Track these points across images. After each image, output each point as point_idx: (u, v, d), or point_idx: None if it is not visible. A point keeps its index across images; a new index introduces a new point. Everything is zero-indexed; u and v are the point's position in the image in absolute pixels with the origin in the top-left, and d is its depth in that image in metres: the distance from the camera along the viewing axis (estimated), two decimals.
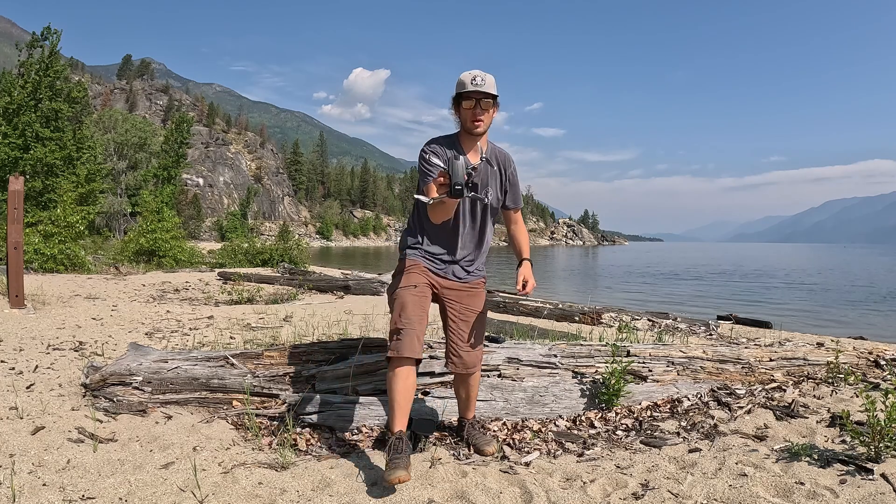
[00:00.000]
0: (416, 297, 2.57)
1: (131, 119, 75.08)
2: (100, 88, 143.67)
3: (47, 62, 26.13)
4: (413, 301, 2.55)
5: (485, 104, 2.53)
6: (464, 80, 2.55)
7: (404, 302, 2.55)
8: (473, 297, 2.76)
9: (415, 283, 2.62)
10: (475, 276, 2.79)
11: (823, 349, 4.38)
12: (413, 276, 2.64)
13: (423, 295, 2.62)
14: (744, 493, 2.30)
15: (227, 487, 2.30)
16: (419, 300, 2.58)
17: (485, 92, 2.51)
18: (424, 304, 2.61)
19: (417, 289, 2.60)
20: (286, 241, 23.08)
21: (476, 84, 2.50)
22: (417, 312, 2.54)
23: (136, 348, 3.60)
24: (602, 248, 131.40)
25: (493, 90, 2.53)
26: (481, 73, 2.54)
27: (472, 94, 2.51)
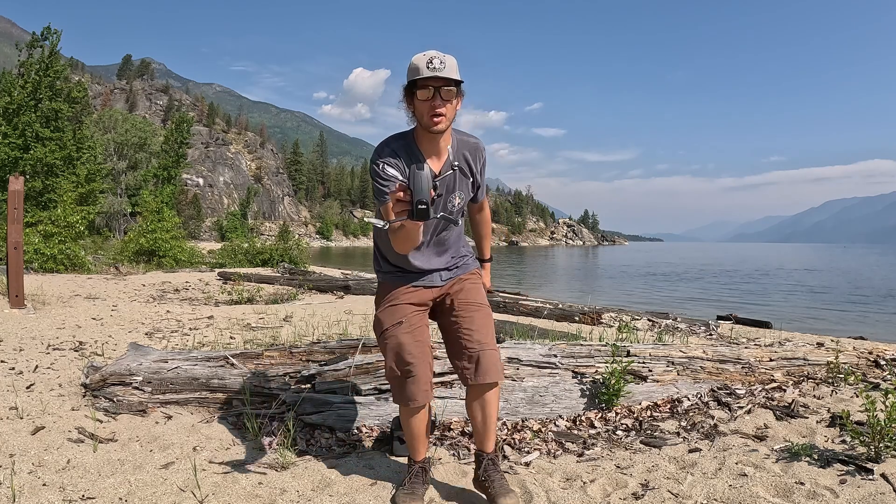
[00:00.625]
0: (409, 333, 2.18)
1: (131, 119, 75.11)
2: (100, 88, 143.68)
3: (47, 62, 26.14)
4: (408, 340, 2.17)
5: (446, 93, 1.99)
6: (417, 63, 1.99)
7: (398, 344, 2.17)
8: (472, 290, 2.33)
9: (400, 317, 2.21)
10: (464, 269, 2.38)
11: (823, 349, 4.38)
12: (397, 310, 2.23)
13: (417, 326, 2.22)
14: (744, 493, 2.30)
15: (227, 487, 2.30)
16: (413, 335, 2.19)
17: (445, 77, 1.97)
18: (422, 336, 2.22)
19: (407, 324, 2.20)
20: (286, 241, 23.07)
21: (433, 68, 1.95)
22: (417, 350, 2.16)
23: (136, 348, 3.60)
24: (602, 248, 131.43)
25: (455, 74, 1.99)
26: (439, 55, 1.99)
27: (430, 82, 1.97)
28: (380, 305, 2.30)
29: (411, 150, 2.11)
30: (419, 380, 2.15)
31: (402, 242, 1.98)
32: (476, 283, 2.36)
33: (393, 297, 2.27)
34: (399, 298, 2.26)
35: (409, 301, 2.26)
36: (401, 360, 2.16)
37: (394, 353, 2.18)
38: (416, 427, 2.26)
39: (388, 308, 2.26)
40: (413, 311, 2.25)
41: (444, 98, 2.00)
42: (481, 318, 2.24)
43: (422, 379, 2.15)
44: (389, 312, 2.24)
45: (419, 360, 2.15)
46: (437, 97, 1.99)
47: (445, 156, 2.15)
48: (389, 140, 2.14)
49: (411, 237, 1.94)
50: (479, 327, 2.21)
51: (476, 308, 2.26)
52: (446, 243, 2.31)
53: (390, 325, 2.21)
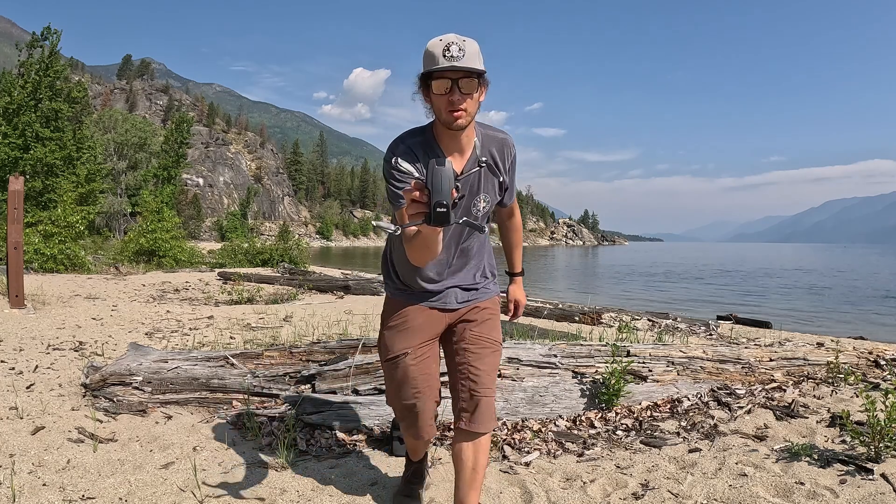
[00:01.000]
0: (415, 366, 1.97)
1: (131, 119, 75.11)
2: (100, 88, 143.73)
3: (47, 62, 26.15)
4: (414, 373, 1.96)
5: (466, 86, 1.71)
6: (432, 51, 1.70)
7: (404, 377, 1.97)
8: (488, 324, 2.04)
9: (407, 346, 1.97)
10: (484, 294, 2.07)
11: (823, 349, 4.38)
12: (405, 337, 1.99)
13: (425, 357, 1.99)
14: (744, 493, 2.30)
15: (227, 487, 2.30)
16: (420, 367, 1.97)
17: (465, 68, 1.68)
18: (429, 368, 2.00)
19: (413, 355, 1.97)
20: (286, 241, 23.07)
21: (451, 56, 1.67)
22: (423, 384, 1.97)
23: (136, 348, 3.61)
24: (602, 248, 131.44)
25: (476, 63, 1.70)
26: (458, 40, 1.69)
27: (447, 73, 1.70)
28: (386, 324, 2.05)
29: (430, 146, 1.83)
30: (423, 415, 2.00)
31: (418, 252, 1.70)
32: (494, 314, 2.08)
33: (402, 319, 2.01)
34: (408, 322, 2.00)
35: (419, 327, 2.00)
36: (404, 394, 1.98)
37: (398, 384, 2.00)
38: (421, 448, 2.27)
39: (395, 332, 2.02)
40: (422, 341, 2.00)
41: (464, 91, 1.71)
42: (492, 361, 2.01)
43: (426, 415, 2.00)
44: (396, 338, 2.00)
45: (424, 396, 1.98)
46: (456, 91, 1.70)
47: (469, 152, 1.87)
48: (405, 136, 1.87)
49: (429, 246, 1.65)
50: (489, 370, 1.98)
51: (489, 346, 2.01)
52: (469, 254, 2.02)
53: (396, 354, 1.99)
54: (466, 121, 1.76)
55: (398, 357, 1.98)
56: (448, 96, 1.71)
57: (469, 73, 1.70)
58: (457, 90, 1.71)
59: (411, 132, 1.88)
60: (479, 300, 2.04)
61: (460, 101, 1.71)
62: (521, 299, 2.25)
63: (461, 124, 1.76)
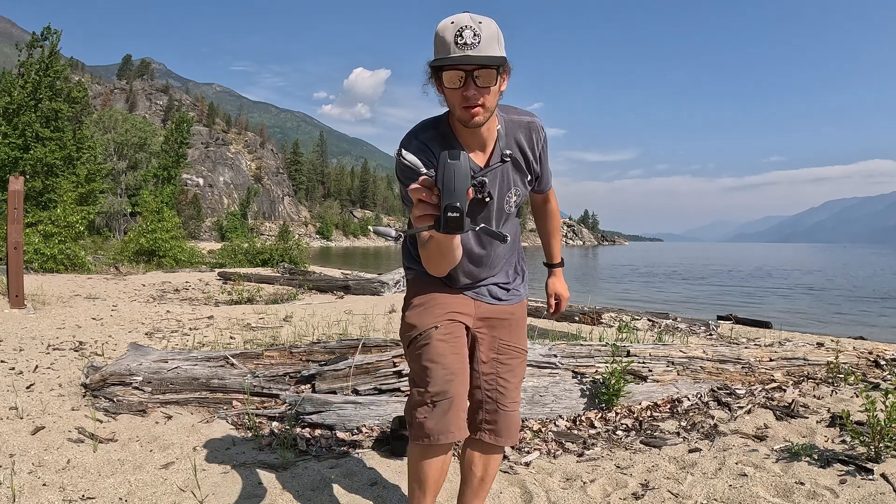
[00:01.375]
0: (445, 342, 1.68)
1: (131, 119, 75.13)
2: (100, 88, 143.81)
3: (47, 62, 26.16)
4: (445, 349, 1.67)
5: (483, 78, 1.46)
6: (443, 35, 1.45)
7: (435, 354, 1.66)
8: (518, 330, 1.85)
9: (436, 320, 1.71)
10: (516, 296, 1.87)
11: (823, 349, 4.38)
12: (433, 310, 1.73)
13: (457, 336, 1.72)
14: (744, 493, 2.30)
15: (227, 487, 2.30)
16: (451, 344, 1.69)
17: (481, 58, 1.43)
18: (462, 349, 1.73)
19: (444, 330, 1.70)
20: (286, 241, 23.07)
21: (464, 44, 1.42)
22: (457, 364, 1.67)
23: (136, 348, 3.61)
24: (602, 248, 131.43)
25: (495, 50, 1.46)
26: (473, 22, 1.44)
27: (460, 64, 1.45)
28: (410, 304, 1.79)
29: (448, 141, 1.61)
30: (456, 404, 1.64)
31: (433, 261, 1.49)
32: (524, 318, 1.90)
33: (429, 297, 1.75)
34: (437, 298, 1.75)
35: (449, 303, 1.75)
36: (436, 375, 1.63)
37: (426, 364, 1.65)
38: (433, 474, 1.72)
39: (420, 309, 1.74)
40: (453, 316, 1.73)
41: (481, 84, 1.47)
42: (521, 371, 1.84)
43: (459, 404, 1.65)
44: (423, 314, 1.73)
45: (459, 378, 1.65)
46: (471, 84, 1.46)
47: (492, 145, 1.64)
48: (418, 129, 1.64)
49: (444, 253, 1.45)
50: (517, 381, 1.82)
51: (519, 356, 1.83)
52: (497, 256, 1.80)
53: (423, 329, 1.70)
54: (484, 117, 1.52)
55: (426, 331, 1.69)
56: (462, 91, 1.47)
57: (486, 63, 1.45)
58: (472, 84, 1.46)
59: (424, 125, 1.65)
60: (511, 303, 1.85)
61: (476, 97, 1.47)
62: (563, 293, 2.04)
63: (478, 122, 1.52)
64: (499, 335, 1.81)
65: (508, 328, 1.82)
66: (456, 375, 1.65)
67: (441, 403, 1.62)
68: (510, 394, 1.79)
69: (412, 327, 1.73)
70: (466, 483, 1.89)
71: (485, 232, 1.34)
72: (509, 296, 1.84)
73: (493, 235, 1.35)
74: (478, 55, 1.43)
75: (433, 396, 1.62)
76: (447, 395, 1.62)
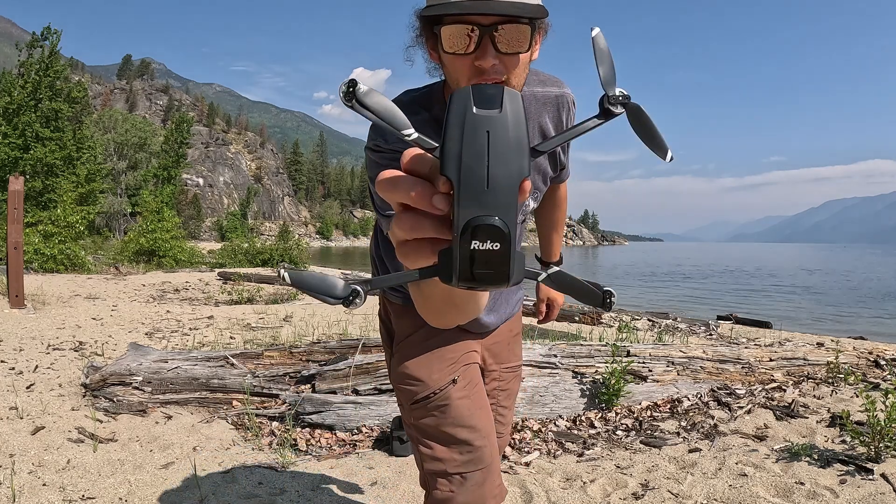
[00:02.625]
0: (468, 398, 1.27)
1: (131, 119, 75.17)
2: (100, 88, 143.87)
3: (47, 62, 26.17)
4: (469, 408, 1.27)
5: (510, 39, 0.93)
6: None
7: (455, 417, 1.25)
8: (516, 345, 1.52)
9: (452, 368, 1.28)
10: (517, 306, 1.49)
11: (823, 349, 4.38)
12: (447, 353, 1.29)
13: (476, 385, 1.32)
14: (744, 493, 2.30)
15: (227, 487, 2.30)
16: (474, 399, 1.29)
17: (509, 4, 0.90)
18: (485, 399, 1.34)
19: (464, 381, 1.28)
20: (286, 241, 23.07)
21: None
22: (484, 423, 1.28)
23: (136, 348, 3.61)
24: (602, 248, 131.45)
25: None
26: None
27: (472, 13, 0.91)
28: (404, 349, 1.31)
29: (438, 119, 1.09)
30: (491, 472, 1.27)
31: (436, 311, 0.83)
32: (520, 332, 1.55)
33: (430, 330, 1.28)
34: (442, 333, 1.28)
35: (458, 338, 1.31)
36: (461, 443, 1.24)
37: (447, 432, 1.25)
38: None
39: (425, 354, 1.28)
40: (468, 358, 1.32)
41: (504, 51, 0.94)
42: (517, 388, 1.54)
43: (494, 470, 1.28)
44: (430, 361, 1.27)
45: (490, 440, 1.28)
46: (489, 49, 0.93)
47: None
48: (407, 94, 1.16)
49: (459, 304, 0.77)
50: (513, 402, 1.53)
51: (516, 373, 1.51)
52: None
53: (439, 387, 1.26)
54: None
55: (443, 390, 1.26)
56: (475, 58, 0.93)
57: (513, 16, 0.91)
58: (490, 47, 0.92)
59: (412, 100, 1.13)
60: (511, 316, 1.46)
61: (497, 69, 0.94)
62: (557, 298, 1.61)
63: None
64: (500, 359, 1.46)
65: (509, 346, 1.48)
66: (488, 437, 1.27)
67: (472, 475, 1.25)
68: (507, 419, 1.51)
69: (418, 382, 1.27)
70: None
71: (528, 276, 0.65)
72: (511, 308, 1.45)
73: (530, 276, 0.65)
74: (503, 1, 0.89)
75: (461, 466, 1.24)
76: (480, 463, 1.25)
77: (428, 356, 1.28)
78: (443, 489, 1.25)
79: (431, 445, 1.27)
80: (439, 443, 1.26)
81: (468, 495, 1.24)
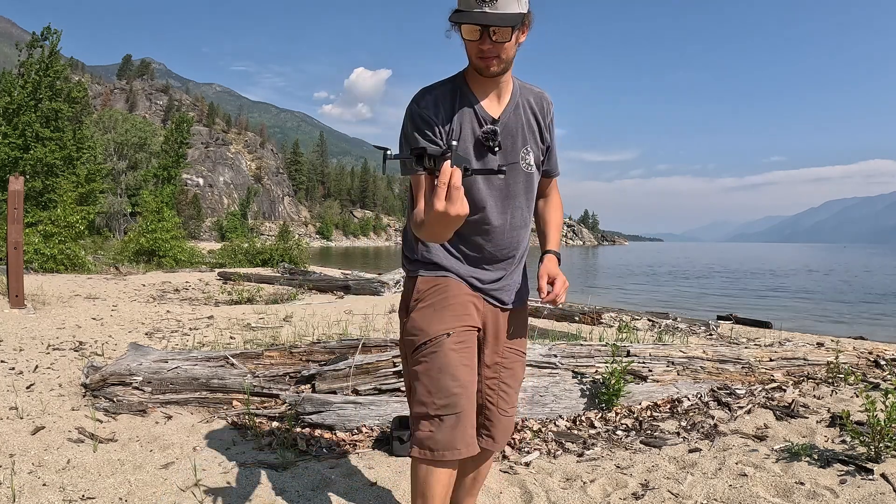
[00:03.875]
0: (456, 352, 1.57)
1: (131, 119, 75.15)
2: (100, 88, 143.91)
3: (47, 62, 26.14)
4: (455, 360, 1.56)
5: (500, 34, 1.48)
6: None
7: (444, 364, 1.55)
8: (521, 331, 1.79)
9: (450, 325, 1.58)
10: (523, 298, 1.80)
11: (823, 349, 4.38)
12: (446, 313, 1.60)
13: (469, 345, 1.62)
14: (744, 493, 2.30)
15: (227, 487, 2.30)
16: (462, 355, 1.58)
17: (497, 16, 1.45)
18: (472, 360, 1.62)
19: (458, 338, 1.58)
20: (286, 241, 23.06)
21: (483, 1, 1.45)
22: (467, 377, 1.57)
23: (136, 348, 3.61)
24: (602, 248, 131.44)
25: (513, 7, 1.46)
26: None
27: (478, 20, 1.46)
28: (415, 303, 1.64)
29: (462, 91, 1.61)
30: (464, 419, 1.54)
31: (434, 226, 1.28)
32: (526, 319, 1.83)
33: (441, 296, 1.62)
34: (448, 298, 1.62)
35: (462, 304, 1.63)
36: (444, 387, 1.53)
37: (432, 376, 1.54)
38: (440, 490, 1.58)
39: (429, 311, 1.60)
40: (466, 325, 1.62)
41: (497, 40, 1.49)
42: (521, 374, 1.80)
43: (468, 419, 1.55)
44: (432, 316, 1.59)
45: (468, 391, 1.56)
46: (487, 39, 1.49)
47: (508, 97, 1.65)
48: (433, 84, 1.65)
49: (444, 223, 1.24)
50: (518, 385, 1.78)
51: (520, 358, 1.78)
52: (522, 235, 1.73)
53: (435, 336, 1.57)
54: (500, 67, 1.55)
55: (436, 339, 1.56)
56: (479, 44, 1.51)
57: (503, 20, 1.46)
58: (488, 38, 1.49)
59: (440, 81, 1.66)
60: (518, 304, 1.76)
61: (492, 50, 1.51)
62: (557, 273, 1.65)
63: (494, 72, 1.56)
64: (504, 338, 1.72)
65: (513, 330, 1.74)
66: (465, 388, 1.55)
67: (448, 418, 1.53)
68: (511, 398, 1.74)
69: (420, 331, 1.59)
70: (459, 483, 1.85)
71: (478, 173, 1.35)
72: (519, 297, 1.76)
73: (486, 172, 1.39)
74: (494, 13, 1.45)
75: (439, 409, 1.53)
76: (455, 408, 1.53)
77: (429, 313, 1.60)
78: (423, 429, 1.54)
79: (418, 390, 1.56)
80: (425, 387, 1.55)
81: (442, 435, 1.52)
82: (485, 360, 1.71)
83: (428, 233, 1.37)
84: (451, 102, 1.60)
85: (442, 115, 1.58)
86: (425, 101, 1.59)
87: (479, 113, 1.60)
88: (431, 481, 1.56)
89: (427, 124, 1.56)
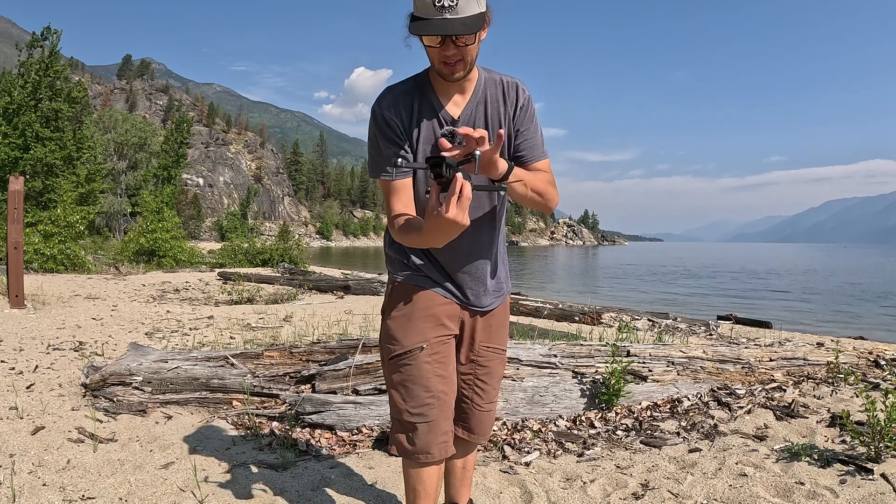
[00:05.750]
0: (429, 364, 1.61)
1: (131, 119, 75.21)
2: (100, 88, 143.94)
3: (47, 62, 26.15)
4: (428, 372, 1.61)
5: (464, 38, 1.43)
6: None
7: (416, 375, 1.61)
8: (500, 329, 1.79)
9: (424, 337, 1.62)
10: (502, 296, 1.78)
11: (823, 349, 4.38)
12: (419, 326, 1.63)
13: (444, 356, 1.65)
14: (744, 493, 2.30)
15: (227, 487, 2.30)
16: (435, 367, 1.63)
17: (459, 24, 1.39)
18: (447, 370, 1.66)
19: (430, 350, 1.62)
20: (286, 241, 23.08)
21: (442, 6, 1.37)
22: (440, 387, 1.62)
23: (136, 348, 3.61)
24: (602, 249, 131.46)
25: (473, 8, 1.40)
26: None
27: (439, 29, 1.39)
28: (392, 311, 1.69)
29: (423, 91, 1.57)
30: (435, 427, 1.61)
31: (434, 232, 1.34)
32: (506, 317, 1.83)
33: (417, 306, 1.65)
34: (424, 308, 1.64)
35: (437, 315, 1.65)
36: (416, 397, 1.60)
37: (407, 386, 1.61)
38: (431, 483, 1.68)
39: (404, 320, 1.64)
40: (440, 335, 1.65)
41: (460, 44, 1.44)
42: (500, 370, 1.81)
43: (438, 427, 1.61)
44: (408, 328, 1.63)
45: (440, 401, 1.62)
46: (450, 45, 1.44)
47: (471, 94, 1.59)
48: (393, 85, 1.61)
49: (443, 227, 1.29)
50: (495, 382, 1.80)
51: (498, 356, 1.79)
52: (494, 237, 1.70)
53: (407, 348, 1.62)
54: (463, 72, 1.50)
55: (410, 352, 1.61)
56: (441, 50, 1.45)
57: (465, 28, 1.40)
58: (451, 44, 1.44)
59: (402, 81, 1.62)
60: (495, 305, 1.76)
61: (456, 55, 1.46)
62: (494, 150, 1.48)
63: (459, 77, 1.51)
64: (480, 338, 1.74)
65: (490, 330, 1.75)
66: (437, 399, 1.61)
67: (421, 426, 1.61)
68: (486, 395, 1.77)
69: (395, 342, 1.64)
70: (450, 473, 1.97)
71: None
72: (496, 300, 1.75)
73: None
74: (456, 18, 1.38)
75: (413, 417, 1.61)
76: (426, 418, 1.60)
77: (404, 323, 1.64)
78: (397, 432, 1.66)
79: (394, 396, 1.65)
80: (400, 395, 1.63)
81: (417, 440, 1.62)
82: (460, 358, 1.75)
83: (421, 239, 1.43)
84: (412, 102, 1.56)
85: (403, 115, 1.56)
86: (386, 101, 1.56)
87: (440, 113, 1.57)
88: (422, 476, 1.67)
89: (388, 125, 1.55)
